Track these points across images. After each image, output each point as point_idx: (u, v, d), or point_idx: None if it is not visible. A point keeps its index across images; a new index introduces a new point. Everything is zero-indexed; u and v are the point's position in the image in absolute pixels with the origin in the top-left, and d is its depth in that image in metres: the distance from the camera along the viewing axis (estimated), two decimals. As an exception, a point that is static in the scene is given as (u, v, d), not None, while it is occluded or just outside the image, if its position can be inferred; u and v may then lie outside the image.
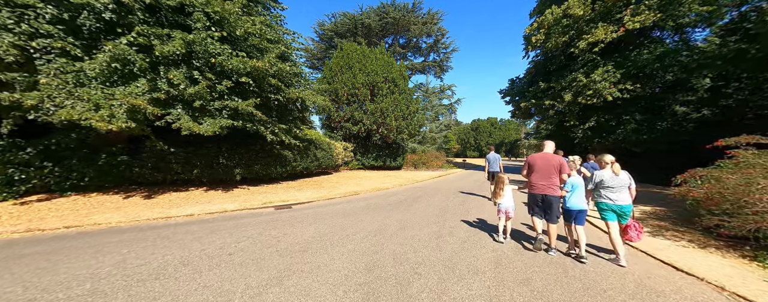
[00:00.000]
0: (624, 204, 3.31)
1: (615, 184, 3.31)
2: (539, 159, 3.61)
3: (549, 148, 3.69)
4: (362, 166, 16.84)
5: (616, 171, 3.33)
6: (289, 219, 5.00)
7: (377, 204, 6.65)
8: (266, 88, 7.43)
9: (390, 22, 30.43)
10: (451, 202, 6.97)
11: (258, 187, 8.47)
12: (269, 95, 7.59)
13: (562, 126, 17.15)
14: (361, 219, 5.04)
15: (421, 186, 10.74)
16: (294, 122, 9.30)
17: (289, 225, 4.54)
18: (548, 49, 15.26)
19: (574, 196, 3.42)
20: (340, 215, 5.34)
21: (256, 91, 7.11)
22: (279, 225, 4.57)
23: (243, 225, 4.51)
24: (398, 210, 5.86)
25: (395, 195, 8.13)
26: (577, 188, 3.44)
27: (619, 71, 12.59)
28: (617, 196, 3.32)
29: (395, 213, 5.65)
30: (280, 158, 9.32)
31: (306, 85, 10.28)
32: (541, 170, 3.55)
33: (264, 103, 7.62)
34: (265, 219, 4.93)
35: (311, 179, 11.09)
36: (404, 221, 4.93)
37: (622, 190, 3.32)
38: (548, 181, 3.50)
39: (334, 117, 15.49)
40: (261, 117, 7.12)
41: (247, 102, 6.42)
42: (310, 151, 11.36)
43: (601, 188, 3.40)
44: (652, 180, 12.43)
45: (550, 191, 3.48)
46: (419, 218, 5.18)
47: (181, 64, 5.90)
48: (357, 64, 15.75)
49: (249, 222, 4.75)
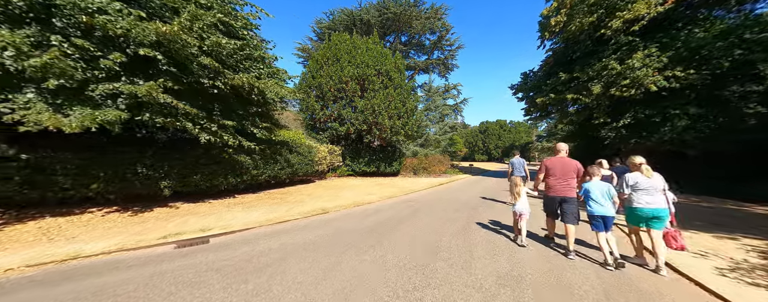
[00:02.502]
0: (660, 207, 3.07)
1: (648, 186, 3.12)
2: (558, 162, 3.67)
3: (564, 152, 3.76)
4: (353, 172, 14.68)
5: (647, 173, 3.16)
6: (171, 277, 2.86)
7: (341, 231, 4.46)
8: (194, 70, 5.40)
9: (391, 18, 28.55)
10: (448, 230, 4.70)
11: (196, 205, 6.39)
12: (202, 80, 5.55)
13: (587, 124, 14.57)
14: (287, 271, 2.87)
15: (415, 198, 8.47)
16: (250, 119, 7.25)
17: (144, 298, 2.40)
18: (571, 33, 12.85)
19: (592, 202, 3.32)
20: (261, 265, 3.17)
21: (175, 72, 5.08)
22: (133, 294, 2.43)
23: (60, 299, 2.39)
24: (362, 248, 3.66)
25: (375, 215, 5.91)
26: (591, 191, 3.35)
27: (666, 54, 10.09)
28: (652, 199, 3.10)
29: (354, 254, 3.44)
30: (232, 165, 7.24)
31: (277, 75, 8.26)
32: (559, 174, 3.62)
33: (193, 90, 5.59)
34: (120, 279, 2.80)
35: (278, 191, 8.97)
36: (360, 277, 2.74)
37: (657, 193, 3.11)
38: (566, 184, 3.59)
39: (319, 116, 13.44)
40: (186, 109, 5.09)
41: (148, 85, 4.37)
42: (281, 156, 9.28)
43: (634, 191, 3.21)
44: (715, 190, 9.76)
45: (569, 193, 3.57)
46: (388, 271, 2.97)
47: (30, 23, 3.92)
48: (346, 56, 13.73)
49: (85, 287, 2.63)
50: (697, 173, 11.00)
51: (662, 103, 10.88)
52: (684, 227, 5.20)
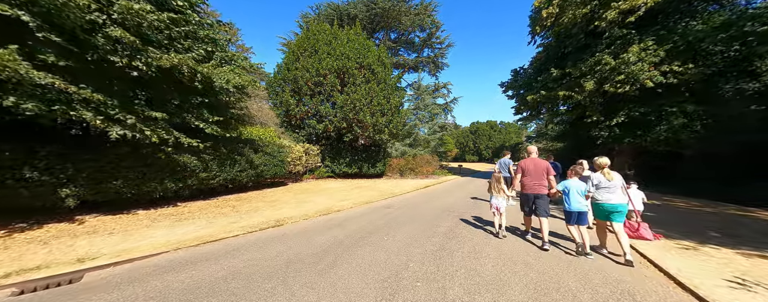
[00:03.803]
0: (619, 203, 3.52)
1: (609, 185, 3.54)
2: (530, 163, 4.09)
3: (535, 154, 4.21)
4: (332, 174, 13.59)
5: (608, 176, 3.56)
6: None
7: (280, 257, 3.42)
8: (99, 43, 4.20)
9: (379, 14, 27.56)
10: (421, 249, 3.73)
11: (114, 217, 5.12)
12: (111, 58, 4.34)
13: (578, 123, 13.96)
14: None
15: (393, 204, 7.48)
16: (193, 112, 6.08)
17: None
18: (563, 26, 12.17)
19: (571, 199, 3.71)
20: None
21: (60, 43, 3.85)
22: None
23: None
24: (293, 289, 2.64)
25: (339, 228, 4.88)
26: (570, 189, 3.73)
27: (663, 48, 9.47)
28: (612, 196, 3.54)
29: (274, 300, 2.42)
30: (171, 167, 6.04)
31: (234, 61, 7.12)
32: (532, 173, 4.02)
33: (100, 70, 4.41)
34: None
35: (236, 197, 7.78)
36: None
37: (616, 190, 3.54)
38: (539, 183, 3.98)
39: (294, 112, 12.28)
40: (84, 95, 3.91)
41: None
42: (242, 156, 8.12)
43: (598, 189, 3.62)
44: (707, 192, 9.18)
45: (541, 190, 3.96)
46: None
47: None
48: (325, 47, 12.63)
49: None
50: (691, 173, 10.48)
51: (658, 101, 10.29)
52: (701, 240, 4.42)
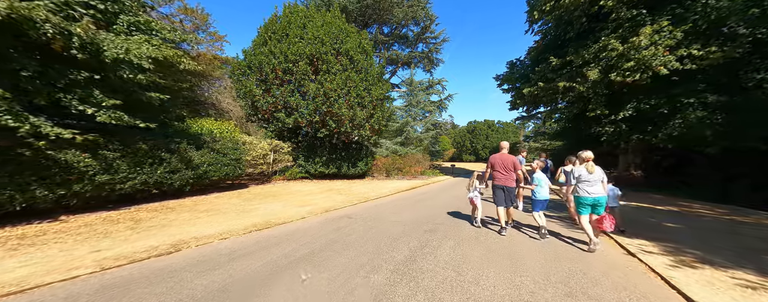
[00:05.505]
0: (600, 196, 3.75)
1: (590, 178, 3.78)
2: (499, 158, 4.54)
3: (505, 150, 4.63)
4: (307, 175, 12.12)
5: (590, 169, 3.81)
6: None
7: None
8: None
9: (370, 5, 26.09)
10: (352, 298, 2.33)
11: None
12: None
13: (581, 118, 12.62)
14: None
15: (355, 213, 6.03)
16: (75, 91, 4.53)
17: None
18: (564, 8, 10.82)
19: (543, 189, 4.44)
20: None
21: None
22: None
23: None
24: None
25: (265, 251, 3.46)
26: (541, 182, 4.47)
27: (681, 29, 8.14)
28: (593, 189, 3.77)
29: None
30: (42, 168, 4.42)
31: (149, 28, 5.59)
32: (501, 167, 4.46)
33: None
34: None
35: (157, 205, 6.13)
36: None
37: (597, 184, 3.77)
38: (508, 175, 4.43)
39: (260, 103, 10.80)
40: None
41: None
42: (174, 154, 6.63)
43: (579, 183, 3.85)
44: (733, 197, 7.85)
45: (510, 183, 4.43)
46: None
47: None
48: (297, 31, 11.16)
49: None
50: (710, 176, 9.18)
51: (672, 91, 8.97)
52: (763, 273, 3.03)
